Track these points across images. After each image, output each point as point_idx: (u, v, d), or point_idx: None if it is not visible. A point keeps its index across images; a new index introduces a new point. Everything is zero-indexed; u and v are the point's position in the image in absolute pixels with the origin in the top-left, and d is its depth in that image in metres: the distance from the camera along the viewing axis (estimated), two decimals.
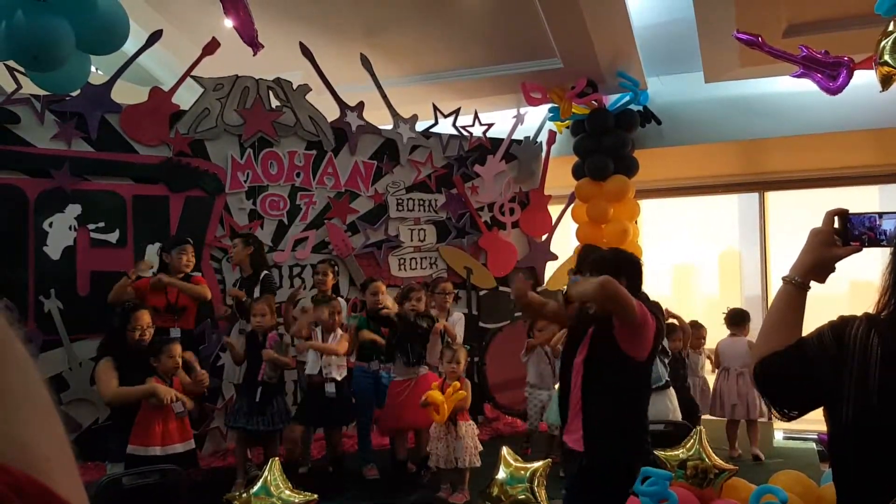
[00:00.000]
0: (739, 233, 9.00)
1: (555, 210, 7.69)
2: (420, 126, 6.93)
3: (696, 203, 9.02)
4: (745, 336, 5.76)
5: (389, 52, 6.94)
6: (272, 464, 3.59)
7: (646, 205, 8.16)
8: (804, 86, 5.64)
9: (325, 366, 5.06)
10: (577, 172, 7.54)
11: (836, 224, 1.53)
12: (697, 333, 5.97)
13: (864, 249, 1.50)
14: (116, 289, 4.97)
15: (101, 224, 5.51)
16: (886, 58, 3.99)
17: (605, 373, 2.98)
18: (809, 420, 1.55)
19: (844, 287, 7.27)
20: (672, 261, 9.10)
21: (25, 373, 0.51)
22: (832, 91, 5.08)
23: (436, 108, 6.92)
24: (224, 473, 5.06)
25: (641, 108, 7.38)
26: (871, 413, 1.34)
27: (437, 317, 5.87)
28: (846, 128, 6.76)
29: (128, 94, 5.89)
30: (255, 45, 5.05)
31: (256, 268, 5.51)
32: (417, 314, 5.21)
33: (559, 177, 7.51)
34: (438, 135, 7.05)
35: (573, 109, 7.28)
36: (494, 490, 3.54)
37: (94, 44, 4.23)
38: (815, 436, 5.95)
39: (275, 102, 6.20)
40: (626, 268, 3.05)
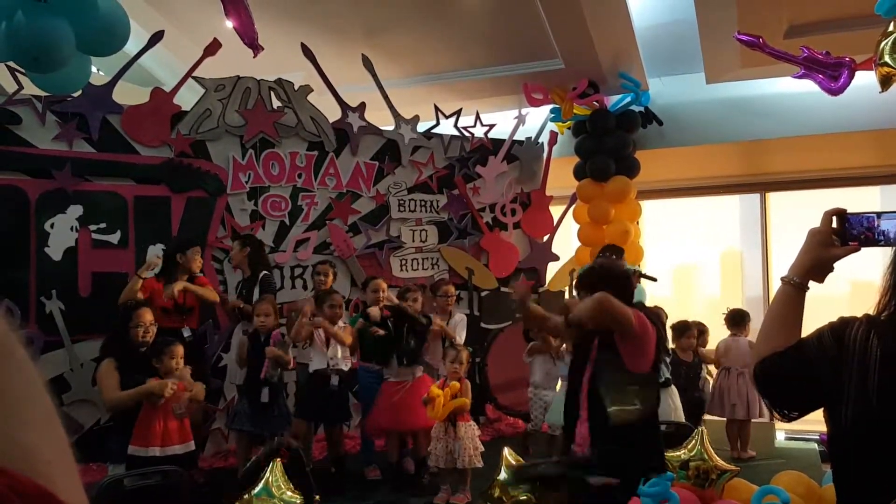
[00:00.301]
0: (741, 233, 8.99)
1: (556, 211, 7.69)
2: (422, 127, 6.94)
3: (698, 204, 9.01)
4: (746, 336, 5.77)
5: (391, 53, 6.94)
6: (273, 465, 3.59)
7: (647, 205, 8.16)
8: (805, 86, 5.64)
9: (332, 357, 5.06)
10: (579, 173, 7.54)
11: (835, 224, 1.52)
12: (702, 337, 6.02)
13: (863, 249, 1.50)
14: (126, 291, 4.97)
15: (103, 225, 5.51)
16: (886, 58, 3.98)
17: (612, 387, 2.98)
18: (811, 420, 1.54)
19: (845, 288, 7.25)
20: (673, 261, 9.08)
21: (25, 374, 0.51)
22: (833, 92, 5.08)
23: (437, 109, 6.93)
24: (226, 474, 5.06)
25: (643, 109, 7.38)
26: (871, 414, 1.34)
27: (442, 319, 5.86)
28: (848, 128, 6.75)
29: (129, 95, 5.90)
30: (256, 47, 5.06)
31: (255, 268, 5.51)
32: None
33: (560, 177, 7.51)
34: (440, 135, 7.05)
35: (574, 110, 7.28)
36: (496, 491, 3.54)
37: (95, 45, 4.23)
38: (817, 436, 5.95)
39: (276, 103, 6.20)
40: (612, 281, 3.06)
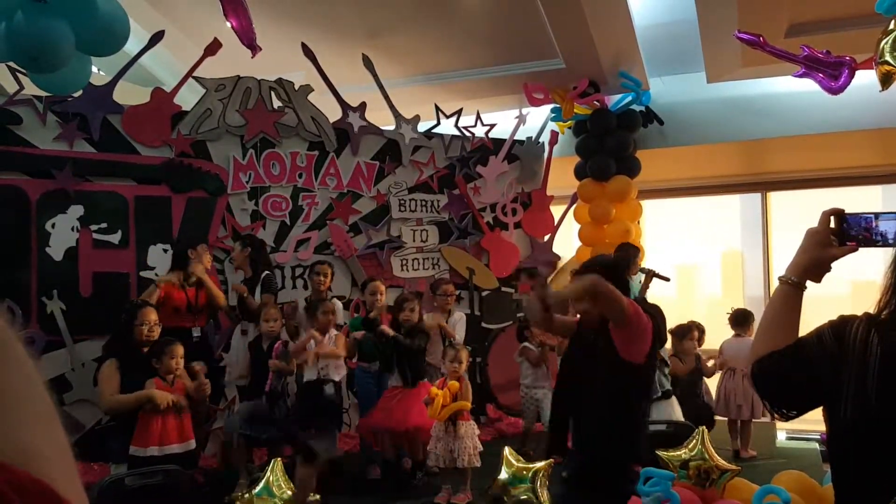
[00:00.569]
0: (742, 233, 8.98)
1: (557, 210, 7.69)
2: (422, 127, 6.94)
3: (699, 203, 9.00)
4: (750, 336, 5.76)
5: (391, 53, 6.93)
6: (274, 465, 3.60)
7: (648, 205, 8.15)
8: (806, 86, 5.63)
9: (323, 367, 5.03)
10: (580, 173, 7.54)
11: (833, 224, 1.52)
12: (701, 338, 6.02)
13: (861, 249, 1.50)
14: (145, 297, 4.98)
15: (104, 225, 5.52)
16: (887, 57, 3.98)
17: (605, 378, 2.98)
18: (812, 420, 1.54)
19: (846, 288, 7.25)
20: (674, 261, 9.07)
21: (25, 374, 0.51)
22: (834, 91, 5.08)
23: (438, 109, 6.93)
24: (226, 474, 5.06)
25: (643, 109, 7.37)
26: (870, 412, 1.34)
27: (441, 318, 5.85)
28: (849, 128, 6.74)
29: (130, 95, 5.90)
30: (254, 48, 5.06)
31: (256, 269, 5.51)
32: (410, 330, 5.14)
33: (561, 177, 7.51)
34: (441, 135, 7.05)
35: (575, 110, 7.28)
36: (497, 490, 3.54)
37: (95, 45, 4.24)
38: (818, 436, 5.94)
39: (277, 103, 6.21)
40: (608, 272, 3.05)
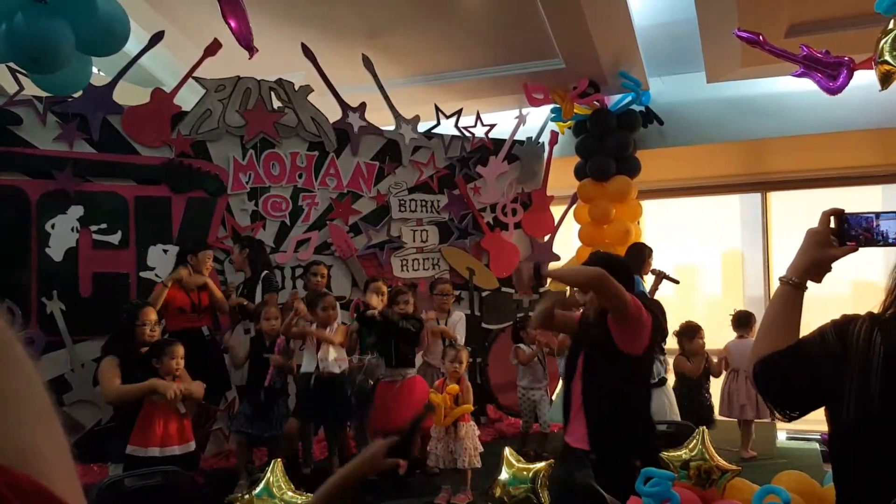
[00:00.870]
0: (742, 233, 8.97)
1: (557, 211, 7.69)
2: (422, 127, 6.94)
3: (699, 203, 8.99)
4: (752, 337, 5.75)
5: (391, 53, 6.93)
6: (275, 465, 3.58)
7: (648, 205, 8.16)
8: (806, 86, 5.63)
9: (322, 360, 5.01)
10: (580, 173, 7.54)
11: (833, 224, 1.52)
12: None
13: (861, 249, 1.50)
14: (153, 297, 5.00)
15: (104, 225, 5.52)
16: (886, 56, 3.97)
17: (604, 371, 3.00)
18: (812, 420, 1.54)
19: (847, 288, 7.25)
20: (674, 261, 9.06)
21: (25, 374, 0.51)
22: (832, 91, 5.07)
23: (438, 109, 6.93)
24: (226, 475, 5.06)
25: (643, 109, 7.37)
26: (873, 412, 1.34)
27: (438, 318, 5.84)
28: (849, 128, 6.74)
29: (130, 96, 5.89)
30: (252, 49, 5.06)
31: (256, 269, 5.52)
32: (404, 317, 5.14)
33: (561, 177, 7.51)
34: (440, 135, 7.05)
35: (575, 110, 7.28)
36: (497, 490, 3.53)
37: (95, 46, 4.24)
38: (819, 436, 5.94)
39: (277, 103, 6.21)
40: (612, 269, 3.06)
